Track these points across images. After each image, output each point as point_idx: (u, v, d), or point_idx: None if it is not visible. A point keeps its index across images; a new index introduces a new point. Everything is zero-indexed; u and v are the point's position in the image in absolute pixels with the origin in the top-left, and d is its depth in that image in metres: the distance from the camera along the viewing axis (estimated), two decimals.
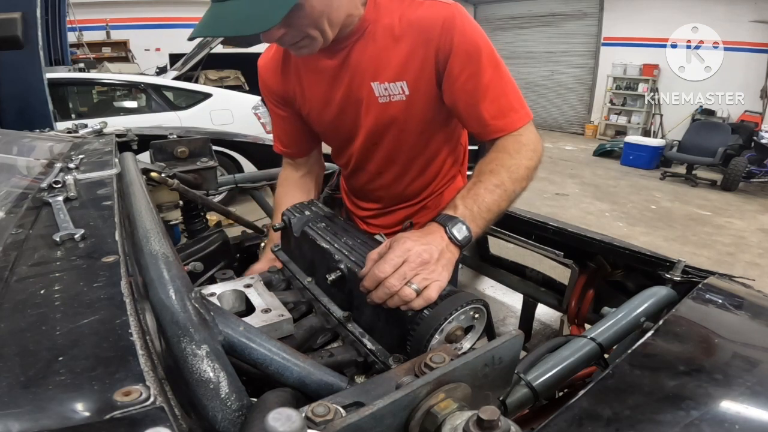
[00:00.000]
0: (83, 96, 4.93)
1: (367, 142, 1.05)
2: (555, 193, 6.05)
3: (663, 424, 0.46)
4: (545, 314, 1.61)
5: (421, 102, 0.95)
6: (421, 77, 0.92)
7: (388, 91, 0.94)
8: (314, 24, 0.82)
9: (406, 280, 0.67)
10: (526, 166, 0.88)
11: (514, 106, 0.92)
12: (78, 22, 6.95)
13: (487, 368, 0.52)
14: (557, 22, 10.86)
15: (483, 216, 0.81)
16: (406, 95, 0.94)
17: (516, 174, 0.86)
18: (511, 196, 0.86)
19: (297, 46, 0.86)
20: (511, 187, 0.85)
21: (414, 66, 0.92)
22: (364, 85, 0.96)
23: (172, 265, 0.59)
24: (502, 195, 0.84)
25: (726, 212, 5.56)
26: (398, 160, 1.07)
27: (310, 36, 0.84)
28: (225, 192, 1.81)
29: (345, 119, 1.03)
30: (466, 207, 0.80)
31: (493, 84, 0.90)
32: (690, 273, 0.92)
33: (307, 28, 0.83)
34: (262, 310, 0.81)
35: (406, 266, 0.68)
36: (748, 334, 0.74)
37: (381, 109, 0.97)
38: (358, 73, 0.96)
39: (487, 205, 0.81)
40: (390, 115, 0.97)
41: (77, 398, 0.36)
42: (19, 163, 1.21)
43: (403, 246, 0.70)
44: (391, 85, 0.94)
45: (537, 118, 5.23)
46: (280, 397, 0.52)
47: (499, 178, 0.84)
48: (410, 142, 1.03)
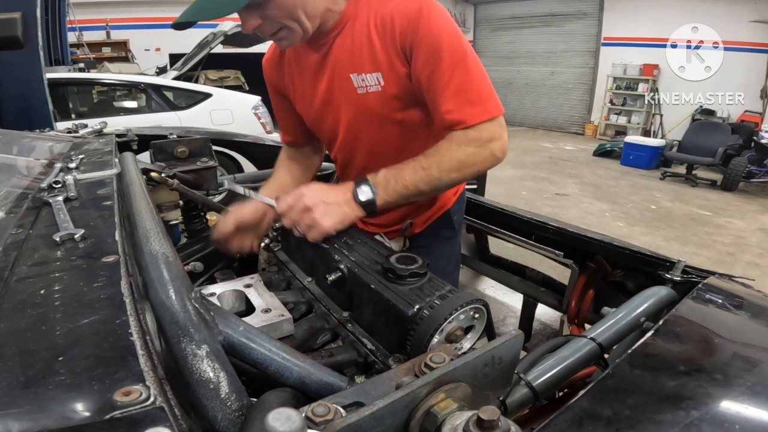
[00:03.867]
0: (83, 96, 4.93)
1: (349, 134, 1.07)
2: (555, 193, 6.05)
3: (663, 424, 0.46)
4: (545, 314, 1.61)
5: (395, 93, 0.98)
6: (394, 69, 0.95)
7: (365, 82, 0.98)
8: (289, 15, 0.87)
9: (292, 221, 0.87)
10: (459, 159, 0.90)
11: (472, 101, 0.91)
12: (78, 22, 6.95)
13: (487, 368, 0.52)
14: (557, 22, 10.86)
15: (397, 189, 0.90)
16: (381, 86, 0.97)
17: (447, 164, 0.90)
18: (435, 182, 0.91)
19: (277, 37, 0.92)
20: (436, 174, 0.90)
21: (386, 58, 0.94)
22: (344, 77, 0.99)
23: (172, 265, 0.59)
24: (424, 178, 0.90)
25: (726, 212, 5.56)
26: (382, 153, 1.07)
27: (287, 27, 0.89)
28: (225, 192, 1.81)
29: (328, 112, 1.06)
30: (385, 176, 0.90)
31: (454, 80, 0.90)
32: (690, 273, 0.92)
33: (282, 19, 0.88)
34: (262, 310, 0.81)
35: (294, 211, 0.87)
36: (748, 334, 0.74)
37: (359, 100, 1.00)
38: (338, 66, 0.99)
39: (405, 182, 0.90)
40: (367, 106, 1.00)
41: (77, 398, 0.36)
42: (19, 163, 1.21)
43: (299, 191, 0.88)
44: (368, 76, 0.97)
45: (537, 118, 5.27)
46: (280, 397, 0.52)
47: (429, 162, 0.90)
48: (390, 133, 1.04)
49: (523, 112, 12.01)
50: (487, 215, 1.41)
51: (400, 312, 0.69)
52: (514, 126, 11.90)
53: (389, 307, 0.71)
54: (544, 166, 7.70)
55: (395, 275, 0.73)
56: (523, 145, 9.32)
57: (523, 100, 11.99)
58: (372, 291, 0.74)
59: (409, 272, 0.73)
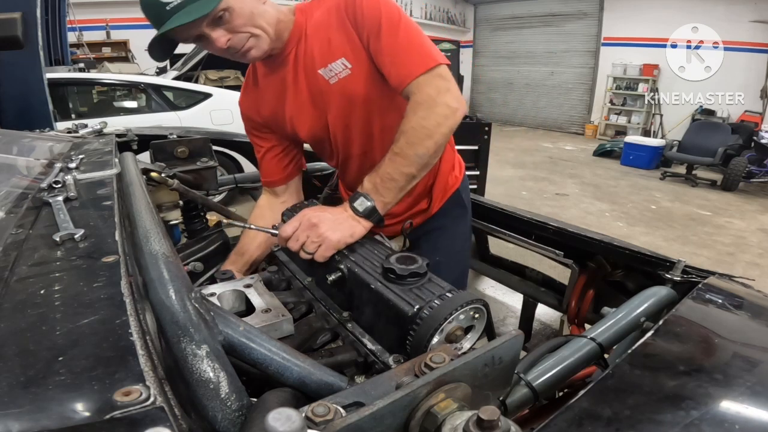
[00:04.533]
0: (83, 96, 4.92)
1: (339, 125, 1.09)
2: (555, 193, 6.05)
3: (663, 424, 0.46)
4: (545, 314, 1.61)
5: (366, 70, 1.01)
6: (354, 49, 0.99)
7: (333, 71, 1.01)
8: (251, 22, 0.94)
9: (300, 242, 0.85)
10: (421, 126, 0.90)
11: (408, 58, 0.94)
12: (78, 22, 6.93)
13: (487, 368, 0.52)
14: (557, 22, 10.86)
15: (387, 186, 0.90)
16: (350, 68, 1.00)
17: (412, 137, 0.90)
18: (413, 159, 0.90)
19: (246, 47, 0.96)
20: (410, 152, 0.90)
21: (344, 42, 0.99)
22: (315, 76, 1.03)
23: (172, 265, 0.59)
24: (402, 161, 0.90)
25: (726, 212, 5.56)
26: (375, 130, 1.10)
27: (254, 35, 0.95)
28: (225, 192, 1.81)
29: (316, 113, 1.09)
30: (371, 181, 0.91)
31: (390, 43, 0.95)
32: (690, 273, 0.92)
33: (246, 27, 0.93)
34: (262, 310, 0.81)
35: (299, 230, 0.86)
36: (748, 334, 0.74)
37: (335, 90, 1.03)
38: (307, 69, 1.04)
39: (390, 175, 0.90)
40: (344, 91, 1.03)
41: (77, 398, 0.36)
42: (19, 163, 1.21)
43: (301, 213, 0.89)
44: (333, 64, 1.01)
45: (537, 118, 5.27)
46: (280, 397, 0.52)
47: (398, 146, 0.91)
48: (378, 108, 1.06)
49: (523, 112, 12.02)
50: (487, 215, 1.41)
51: (400, 312, 0.69)
52: (514, 126, 11.91)
53: (389, 307, 0.71)
54: (544, 166, 7.70)
55: (395, 275, 0.73)
56: (523, 145, 9.33)
57: (523, 100, 11.99)
58: (372, 291, 0.74)
59: (409, 272, 0.73)
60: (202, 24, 0.90)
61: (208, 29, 0.91)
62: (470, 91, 12.70)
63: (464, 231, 1.31)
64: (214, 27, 0.91)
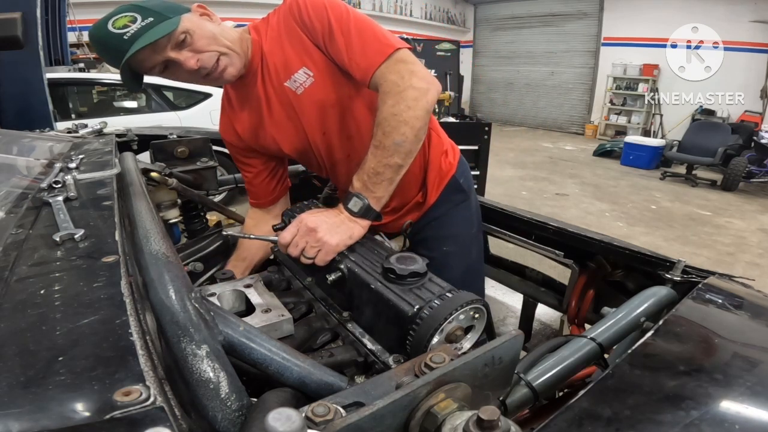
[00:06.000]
0: (83, 96, 4.93)
1: (317, 134, 1.09)
2: (555, 193, 6.05)
3: (663, 424, 0.46)
4: (545, 314, 1.61)
5: (328, 74, 1.01)
6: (311, 55, 1.00)
7: (297, 82, 1.02)
8: (215, 42, 0.95)
9: (300, 248, 0.86)
10: (393, 114, 0.89)
11: (364, 50, 0.93)
12: (78, 22, 6.93)
13: (487, 368, 0.52)
14: (557, 22, 10.86)
15: (374, 181, 0.89)
16: (312, 75, 1.01)
17: (387, 127, 0.89)
18: (393, 148, 0.89)
19: (220, 67, 0.96)
20: (387, 142, 0.89)
21: (300, 51, 1.00)
22: (283, 89, 1.04)
23: (172, 265, 0.59)
24: (383, 153, 0.89)
25: (726, 212, 5.56)
26: (353, 131, 1.09)
27: (222, 53, 0.96)
28: (225, 192, 1.81)
29: (293, 126, 1.09)
30: (359, 179, 0.91)
31: (345, 41, 0.94)
32: (690, 273, 0.92)
33: (211, 47, 0.95)
34: (262, 310, 0.81)
35: (298, 236, 0.86)
36: (748, 334, 0.74)
37: (304, 100, 1.04)
38: (274, 84, 1.05)
39: (374, 170, 0.89)
40: (313, 99, 1.03)
41: (77, 398, 0.36)
42: (19, 163, 1.21)
43: (298, 219, 0.89)
44: (295, 75, 1.01)
45: (537, 118, 5.29)
46: (280, 397, 0.52)
47: (376, 139, 0.90)
48: (350, 108, 1.06)
49: (523, 112, 12.02)
50: (487, 215, 1.40)
51: (400, 312, 0.69)
52: (514, 126, 11.90)
53: (389, 307, 0.71)
54: (544, 166, 7.70)
55: (395, 275, 0.73)
56: (523, 145, 9.32)
57: (523, 100, 11.99)
58: (372, 291, 0.74)
59: (409, 272, 0.73)
60: (166, 49, 0.91)
61: (173, 53, 0.92)
62: (470, 91, 12.71)
63: (468, 216, 1.27)
64: (179, 50, 0.92)
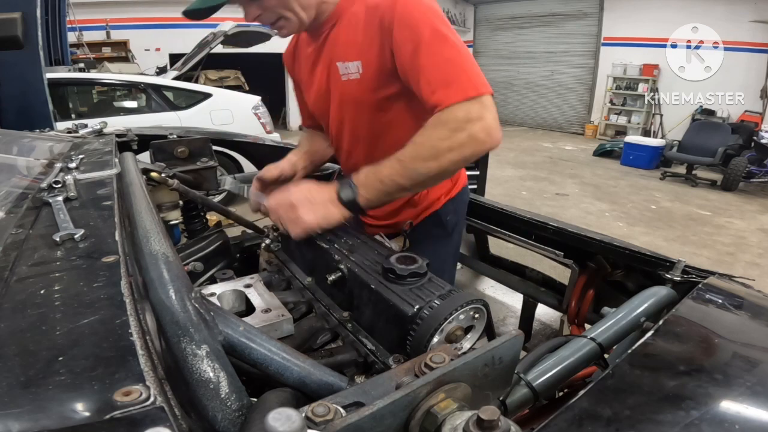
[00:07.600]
0: (83, 96, 4.93)
1: (336, 119, 1.13)
2: (555, 193, 6.05)
3: (663, 424, 0.46)
4: (545, 314, 1.61)
5: (372, 80, 1.00)
6: (375, 56, 0.97)
7: (348, 70, 1.02)
8: (284, 5, 0.95)
9: (277, 217, 0.92)
10: (432, 146, 0.85)
11: (448, 82, 0.87)
12: (78, 22, 6.93)
13: (487, 368, 0.52)
14: (557, 22, 10.85)
15: (375, 186, 0.89)
16: (360, 74, 1.01)
17: (419, 152, 0.86)
18: (411, 174, 0.86)
19: (276, 26, 1.00)
20: (410, 165, 0.86)
21: (368, 46, 0.98)
22: (333, 66, 1.05)
23: (172, 265, 0.59)
24: (399, 170, 0.87)
25: (726, 212, 5.56)
26: (361, 137, 1.11)
27: (284, 17, 0.97)
28: (225, 192, 1.81)
29: (323, 99, 1.12)
30: (365, 174, 0.90)
31: (432, 61, 0.88)
32: (690, 273, 0.92)
33: (278, 9, 0.96)
34: (262, 310, 0.81)
35: (280, 207, 0.91)
36: (748, 334, 0.74)
37: (342, 87, 1.05)
38: (331, 55, 1.05)
39: (381, 176, 0.88)
40: (347, 92, 1.05)
41: (77, 398, 0.36)
42: (19, 163, 1.21)
43: (287, 189, 0.92)
44: (350, 64, 1.01)
45: (537, 118, 5.28)
46: (280, 397, 0.52)
47: (404, 154, 0.87)
48: (368, 119, 1.07)
49: (523, 112, 12.01)
50: (487, 215, 1.40)
51: (400, 312, 0.69)
52: (514, 126, 11.89)
53: (389, 307, 0.71)
54: (544, 166, 7.70)
55: (395, 275, 0.73)
56: (523, 145, 9.32)
57: (523, 100, 11.98)
58: (372, 291, 0.74)
59: (409, 272, 0.73)
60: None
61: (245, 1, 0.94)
62: None
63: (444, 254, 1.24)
64: (249, 1, 0.95)
